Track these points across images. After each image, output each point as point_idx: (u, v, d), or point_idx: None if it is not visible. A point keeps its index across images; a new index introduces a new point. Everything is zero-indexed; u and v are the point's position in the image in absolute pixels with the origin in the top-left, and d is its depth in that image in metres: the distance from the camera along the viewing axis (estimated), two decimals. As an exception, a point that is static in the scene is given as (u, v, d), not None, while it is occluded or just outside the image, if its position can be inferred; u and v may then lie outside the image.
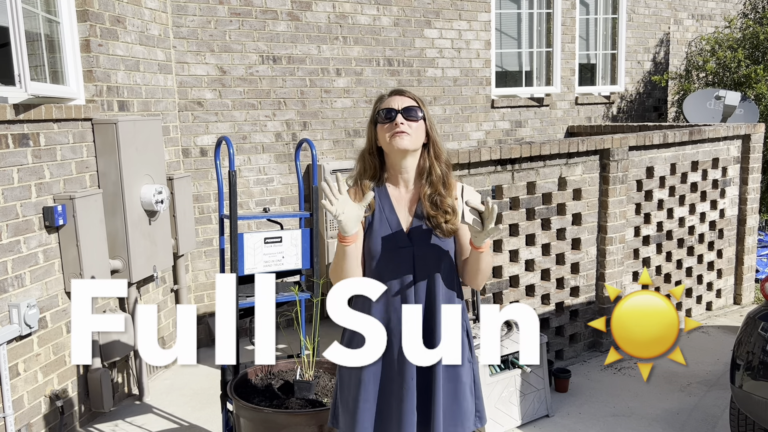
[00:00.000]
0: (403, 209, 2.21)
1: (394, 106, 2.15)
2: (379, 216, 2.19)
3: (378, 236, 2.17)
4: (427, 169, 2.20)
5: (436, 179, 2.19)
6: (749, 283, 6.08)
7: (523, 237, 4.55)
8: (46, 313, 3.70)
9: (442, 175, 2.20)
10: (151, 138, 4.35)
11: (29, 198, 3.58)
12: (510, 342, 3.90)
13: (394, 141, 2.12)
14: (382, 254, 2.16)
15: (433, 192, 2.18)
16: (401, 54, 6.16)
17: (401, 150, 2.14)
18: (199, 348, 5.92)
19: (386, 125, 2.14)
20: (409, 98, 2.18)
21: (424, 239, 2.17)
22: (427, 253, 2.18)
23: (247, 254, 3.54)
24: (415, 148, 2.17)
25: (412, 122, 2.14)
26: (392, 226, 2.18)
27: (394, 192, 2.23)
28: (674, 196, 5.38)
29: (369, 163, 2.22)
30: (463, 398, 2.24)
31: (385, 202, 2.21)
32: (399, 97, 2.18)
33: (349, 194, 2.20)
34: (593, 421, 3.96)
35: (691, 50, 8.76)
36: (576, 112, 7.50)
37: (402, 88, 2.24)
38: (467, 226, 2.11)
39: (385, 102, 2.19)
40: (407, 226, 2.20)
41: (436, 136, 2.21)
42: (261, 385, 3.26)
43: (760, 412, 3.14)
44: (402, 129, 2.11)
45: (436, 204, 2.17)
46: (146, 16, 4.70)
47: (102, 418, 4.17)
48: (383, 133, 2.15)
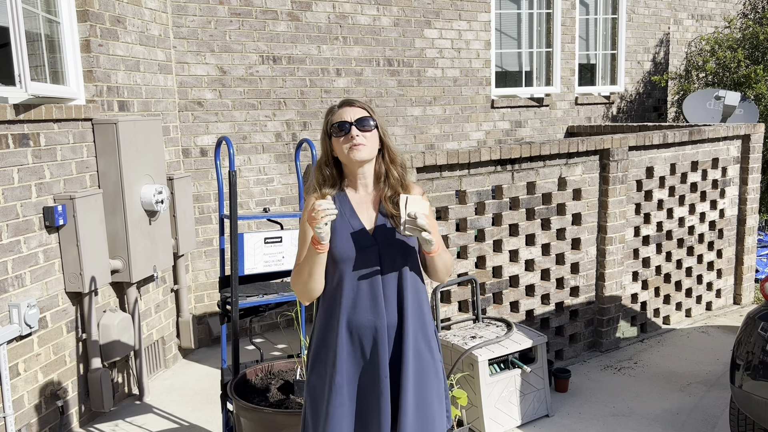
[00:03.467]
0: (365, 211, 2.27)
1: (346, 118, 2.20)
2: (341, 220, 2.24)
3: (342, 239, 2.22)
4: (384, 173, 2.28)
5: (395, 181, 2.27)
6: (749, 283, 6.08)
7: (523, 237, 4.55)
8: (46, 313, 3.70)
9: (399, 177, 2.27)
10: (151, 138, 4.36)
11: (29, 198, 3.58)
12: (510, 342, 3.90)
13: (352, 154, 2.18)
14: (347, 256, 2.21)
15: (394, 193, 2.26)
16: (401, 54, 6.16)
17: (359, 161, 2.21)
18: (200, 348, 5.95)
19: (341, 137, 2.19)
20: (360, 108, 2.23)
21: (389, 238, 2.23)
22: (393, 250, 2.24)
23: (247, 254, 3.54)
24: (372, 156, 2.24)
25: (366, 132, 2.20)
26: (355, 227, 2.24)
27: (354, 196, 2.29)
28: (674, 196, 5.39)
29: (327, 174, 2.28)
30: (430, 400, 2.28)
31: (345, 206, 2.26)
32: (350, 108, 2.22)
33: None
34: (593, 421, 3.96)
35: (690, 50, 8.77)
36: (576, 112, 7.51)
37: (351, 99, 2.29)
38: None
39: (336, 114, 2.23)
40: (371, 227, 2.26)
41: (389, 141, 2.27)
42: (261, 385, 3.26)
43: (760, 412, 3.15)
44: (358, 141, 2.17)
45: (397, 203, 2.23)
46: (146, 16, 4.71)
47: (102, 418, 4.17)
48: (339, 145, 2.20)
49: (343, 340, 2.23)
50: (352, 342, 2.23)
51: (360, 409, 2.25)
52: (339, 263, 2.22)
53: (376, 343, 2.21)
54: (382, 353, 2.21)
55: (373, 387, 2.22)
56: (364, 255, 2.22)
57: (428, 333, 2.31)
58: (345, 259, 2.21)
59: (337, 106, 2.26)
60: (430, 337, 2.31)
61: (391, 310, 2.23)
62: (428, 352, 2.29)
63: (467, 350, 3.76)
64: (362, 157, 2.20)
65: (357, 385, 2.25)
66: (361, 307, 2.22)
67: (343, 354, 2.22)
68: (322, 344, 2.29)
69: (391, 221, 2.25)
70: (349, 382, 2.23)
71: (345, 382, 2.22)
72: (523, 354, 3.97)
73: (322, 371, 2.28)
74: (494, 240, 4.45)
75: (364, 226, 2.25)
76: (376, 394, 2.21)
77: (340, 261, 2.22)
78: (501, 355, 3.81)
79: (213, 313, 5.46)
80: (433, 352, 2.31)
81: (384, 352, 2.21)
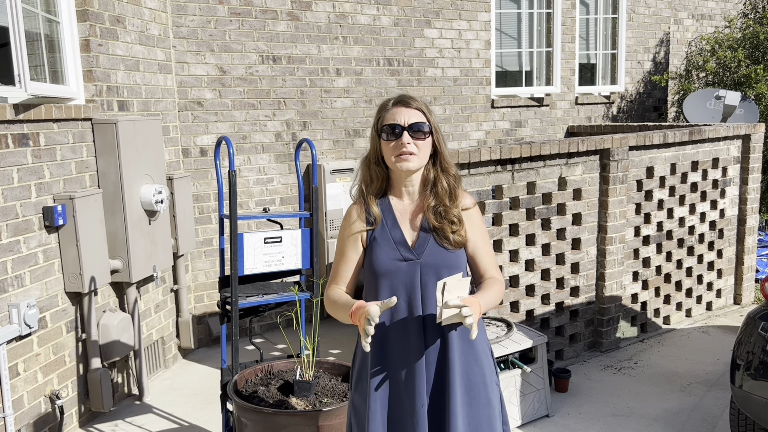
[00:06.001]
0: (407, 222, 2.10)
1: (399, 120, 2.01)
2: (382, 230, 2.09)
3: (382, 251, 2.07)
4: (432, 180, 2.09)
5: (442, 191, 2.08)
6: (749, 283, 6.07)
7: (523, 237, 4.55)
8: (45, 313, 3.70)
9: (449, 187, 2.09)
10: (150, 138, 4.35)
11: (29, 198, 3.58)
12: (510, 342, 3.90)
13: (400, 164, 2.01)
14: (387, 269, 2.05)
15: (438, 203, 2.08)
16: (401, 54, 6.16)
17: (406, 171, 2.05)
18: (199, 348, 5.94)
19: (392, 143, 2.01)
20: (415, 110, 2.03)
21: (431, 251, 2.05)
22: (435, 264, 2.05)
23: (247, 254, 3.54)
24: (421, 166, 2.07)
25: (419, 141, 2.01)
26: (396, 239, 2.08)
27: (397, 204, 2.13)
28: (674, 196, 5.38)
29: (375, 173, 2.11)
30: (487, 423, 2.05)
31: (388, 215, 2.10)
32: (405, 109, 2.03)
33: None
34: (593, 421, 3.96)
35: (691, 50, 8.76)
36: (576, 112, 7.50)
37: (408, 98, 2.06)
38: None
39: (389, 113, 2.04)
40: (413, 241, 2.08)
41: (444, 148, 2.08)
42: (261, 385, 3.26)
43: (760, 412, 3.14)
44: (408, 149, 1.99)
45: (441, 214, 2.07)
46: (146, 16, 4.70)
47: (102, 418, 4.17)
48: (388, 150, 2.02)
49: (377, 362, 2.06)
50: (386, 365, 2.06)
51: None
52: (378, 277, 2.06)
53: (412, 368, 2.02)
54: (419, 380, 2.02)
55: (410, 415, 2.03)
56: (404, 269, 2.05)
57: (480, 355, 2.09)
58: (384, 273, 2.05)
59: (392, 104, 2.07)
60: (482, 360, 2.09)
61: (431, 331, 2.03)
62: (480, 377, 2.07)
63: (467, 350, 3.75)
64: (410, 168, 2.02)
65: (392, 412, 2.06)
66: (398, 326, 2.05)
67: (377, 377, 2.06)
68: (363, 363, 2.12)
69: (434, 235, 2.06)
70: (383, 407, 2.05)
71: (378, 408, 2.05)
72: (523, 354, 3.96)
73: (364, 391, 2.12)
74: (494, 240, 4.45)
75: (406, 238, 2.08)
76: (412, 424, 2.02)
77: (379, 275, 2.06)
78: (501, 355, 3.80)
79: (213, 313, 5.46)
80: (486, 377, 2.08)
81: (421, 379, 2.02)
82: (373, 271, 2.08)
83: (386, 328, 2.06)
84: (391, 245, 2.07)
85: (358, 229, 2.12)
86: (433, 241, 2.07)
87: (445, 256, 2.06)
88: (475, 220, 2.15)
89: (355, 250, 2.13)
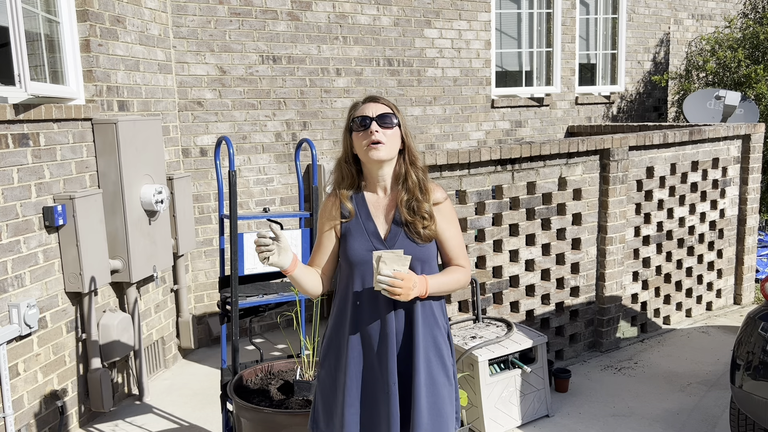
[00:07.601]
0: (381, 216, 2.24)
1: (368, 113, 2.15)
2: (356, 222, 2.22)
3: (355, 243, 2.20)
4: (403, 175, 2.22)
5: (413, 185, 2.20)
6: (749, 283, 6.08)
7: (523, 237, 4.55)
8: (45, 313, 3.70)
9: (418, 180, 2.21)
10: (150, 138, 4.35)
11: (29, 198, 3.58)
12: (510, 342, 3.90)
13: (370, 153, 2.14)
14: (360, 259, 2.19)
15: (410, 197, 2.20)
16: (401, 54, 6.16)
17: (377, 161, 2.16)
18: (199, 348, 5.94)
19: (361, 133, 2.15)
20: (383, 105, 2.18)
21: (403, 245, 2.18)
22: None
23: (247, 254, 3.54)
24: (391, 157, 2.19)
25: (387, 129, 2.15)
26: (369, 232, 2.21)
27: (371, 198, 2.26)
28: (674, 196, 5.38)
29: (346, 171, 2.24)
30: (442, 405, 2.24)
31: (362, 209, 2.23)
32: (373, 104, 2.18)
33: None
34: (593, 421, 3.96)
35: (691, 50, 8.77)
36: (576, 112, 7.50)
37: (376, 95, 2.24)
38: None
39: (359, 109, 2.19)
40: (385, 233, 2.22)
41: (411, 142, 2.22)
42: (261, 385, 3.26)
43: (760, 412, 3.14)
44: (377, 138, 2.12)
45: (414, 210, 2.19)
46: (146, 16, 4.70)
47: (102, 418, 4.17)
48: (359, 141, 2.16)
49: (352, 342, 2.22)
50: (360, 345, 2.22)
51: (369, 413, 2.23)
52: (352, 265, 2.21)
53: (383, 349, 2.19)
54: (391, 359, 2.18)
55: (381, 392, 2.20)
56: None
57: (438, 340, 2.26)
58: (357, 262, 2.19)
59: (361, 102, 2.22)
60: (440, 344, 2.26)
61: (399, 316, 2.20)
62: (438, 359, 2.25)
63: (467, 350, 3.76)
64: (380, 157, 2.15)
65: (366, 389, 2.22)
66: (370, 311, 2.20)
67: (351, 356, 2.21)
68: (332, 342, 2.29)
69: (406, 228, 2.20)
70: (357, 385, 2.22)
71: (354, 386, 2.21)
72: (524, 354, 3.96)
73: (331, 368, 2.28)
74: (494, 240, 4.45)
75: (378, 230, 2.22)
76: (385, 400, 2.19)
77: (353, 264, 2.20)
78: (501, 355, 3.80)
79: (213, 313, 5.46)
80: (444, 359, 2.27)
81: (392, 359, 2.18)
82: (347, 260, 2.22)
83: (359, 312, 2.21)
84: (365, 236, 2.21)
85: (333, 221, 2.27)
86: (404, 235, 2.20)
87: (415, 249, 2.19)
88: (446, 213, 2.27)
89: (329, 240, 2.29)
